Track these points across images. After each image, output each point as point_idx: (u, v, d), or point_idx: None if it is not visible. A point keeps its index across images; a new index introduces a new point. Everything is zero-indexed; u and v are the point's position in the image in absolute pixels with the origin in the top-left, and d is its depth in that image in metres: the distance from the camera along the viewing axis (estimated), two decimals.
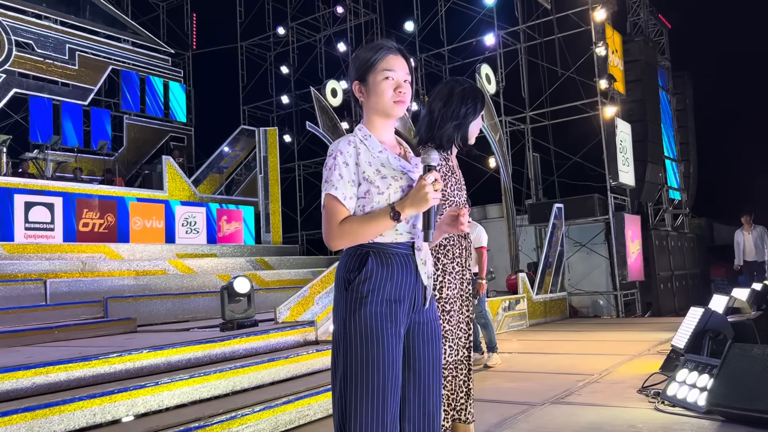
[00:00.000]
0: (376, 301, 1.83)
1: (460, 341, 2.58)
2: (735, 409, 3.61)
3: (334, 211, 1.84)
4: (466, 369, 2.61)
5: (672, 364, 4.90)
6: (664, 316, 12.10)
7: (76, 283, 7.12)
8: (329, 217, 1.85)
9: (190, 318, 7.10)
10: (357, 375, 1.80)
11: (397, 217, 1.81)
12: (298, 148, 16.87)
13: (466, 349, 2.61)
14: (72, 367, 3.60)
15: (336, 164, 1.87)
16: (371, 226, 1.82)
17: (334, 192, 1.84)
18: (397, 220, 1.81)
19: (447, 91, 2.67)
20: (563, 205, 11.68)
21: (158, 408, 3.66)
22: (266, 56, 17.87)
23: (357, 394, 1.79)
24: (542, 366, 6.19)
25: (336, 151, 1.89)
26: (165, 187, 10.60)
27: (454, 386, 2.54)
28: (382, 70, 1.95)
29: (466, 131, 2.66)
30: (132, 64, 14.57)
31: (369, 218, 1.84)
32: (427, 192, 1.81)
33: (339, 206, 1.84)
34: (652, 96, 13.95)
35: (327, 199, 1.86)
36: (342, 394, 1.82)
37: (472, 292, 2.75)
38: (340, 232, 1.82)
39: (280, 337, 5.02)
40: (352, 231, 1.82)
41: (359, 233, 1.83)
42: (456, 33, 14.82)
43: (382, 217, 1.82)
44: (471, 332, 2.63)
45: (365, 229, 1.83)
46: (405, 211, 1.82)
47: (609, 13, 12.43)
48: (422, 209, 1.83)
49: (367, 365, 1.80)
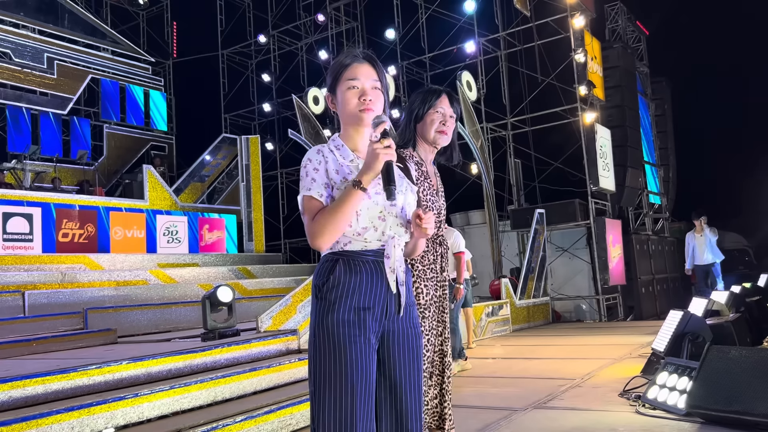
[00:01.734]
0: (343, 309, 1.84)
1: (433, 347, 2.58)
2: (714, 410, 3.64)
3: (311, 208, 1.86)
4: (440, 374, 2.60)
5: (653, 367, 4.95)
6: (646, 320, 12.21)
7: (55, 295, 7.02)
8: (307, 216, 1.87)
9: (171, 328, 7.03)
10: (324, 381, 1.82)
11: (359, 185, 1.81)
12: (280, 156, 16.83)
13: (441, 355, 2.61)
14: (50, 379, 3.55)
15: (307, 171, 1.92)
16: (341, 206, 1.81)
17: (308, 192, 1.88)
18: (360, 188, 1.81)
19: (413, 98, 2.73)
20: (545, 210, 11.77)
21: (138, 420, 3.62)
22: (247, 64, 17.83)
23: (324, 400, 1.81)
24: (525, 371, 6.21)
25: (306, 161, 1.94)
26: (146, 196, 10.51)
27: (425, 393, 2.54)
28: (346, 80, 1.98)
29: (423, 127, 2.65)
30: (112, 72, 14.45)
31: (337, 200, 1.84)
32: (375, 149, 1.82)
33: (314, 202, 1.87)
34: (631, 101, 14.12)
35: (303, 201, 1.89)
36: (312, 400, 1.85)
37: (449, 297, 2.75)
38: (318, 225, 1.83)
39: (262, 346, 4.99)
40: (327, 219, 1.82)
41: (335, 218, 1.81)
42: (437, 40, 14.90)
43: (347, 192, 1.83)
44: (447, 338, 2.63)
45: (337, 210, 1.81)
46: (364, 176, 1.82)
47: (588, 20, 12.58)
48: (377, 168, 1.82)
49: (334, 371, 1.81)
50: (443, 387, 2.60)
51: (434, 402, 2.59)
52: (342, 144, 1.99)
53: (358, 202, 1.84)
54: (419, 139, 2.68)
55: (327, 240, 1.84)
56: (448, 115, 2.67)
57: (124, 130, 14.63)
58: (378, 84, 1.99)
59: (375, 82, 1.99)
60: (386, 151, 1.82)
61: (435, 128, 2.64)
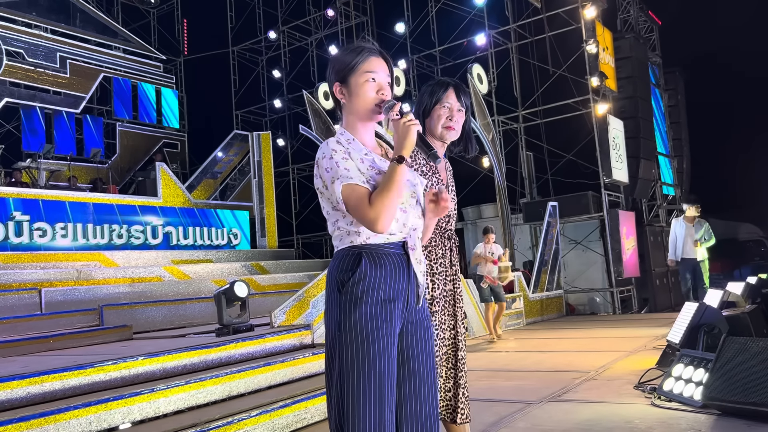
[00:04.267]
0: (370, 302, 1.83)
1: (444, 341, 2.57)
2: (730, 402, 3.62)
3: (359, 195, 1.83)
4: (453, 368, 2.60)
5: (668, 359, 4.91)
6: (660, 312, 12.13)
7: (71, 292, 7.10)
8: (359, 203, 1.82)
9: (186, 324, 7.09)
10: (354, 376, 1.80)
11: (401, 160, 1.84)
12: (291, 152, 16.87)
13: (454, 349, 2.60)
14: (67, 375, 3.58)
15: (336, 160, 1.87)
16: (393, 184, 1.82)
17: (350, 180, 1.83)
18: (402, 162, 1.84)
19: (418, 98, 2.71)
20: (557, 203, 11.71)
21: (155, 415, 3.65)
22: (258, 60, 17.86)
23: (355, 395, 1.79)
24: (539, 364, 6.20)
25: (330, 151, 1.89)
26: (159, 193, 10.57)
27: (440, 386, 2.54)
28: (364, 72, 1.95)
29: (431, 122, 2.63)
30: (124, 71, 14.53)
31: (386, 180, 1.84)
32: (403, 123, 1.86)
33: (360, 188, 1.83)
34: (643, 92, 13.99)
35: (346, 189, 1.83)
36: (339, 396, 1.82)
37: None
38: (378, 209, 1.80)
39: (276, 341, 5.01)
40: (386, 200, 1.80)
41: (392, 197, 1.82)
42: (447, 33, 14.85)
43: (391, 171, 1.84)
44: (460, 331, 2.62)
45: (392, 189, 1.82)
46: (403, 150, 1.86)
47: (599, 11, 12.46)
48: (412, 139, 1.87)
49: (364, 366, 1.79)
50: (457, 380, 2.59)
51: (448, 395, 2.59)
52: (352, 138, 1.97)
53: (405, 177, 1.87)
54: (428, 133, 2.65)
55: (389, 221, 1.83)
56: (456, 109, 2.60)
57: (137, 128, 14.72)
58: (390, 80, 2.01)
59: (388, 78, 2.00)
60: (413, 123, 1.87)
61: (442, 123, 2.60)
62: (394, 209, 1.83)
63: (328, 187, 1.86)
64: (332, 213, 1.93)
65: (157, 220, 10.19)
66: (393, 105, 1.92)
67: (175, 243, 10.31)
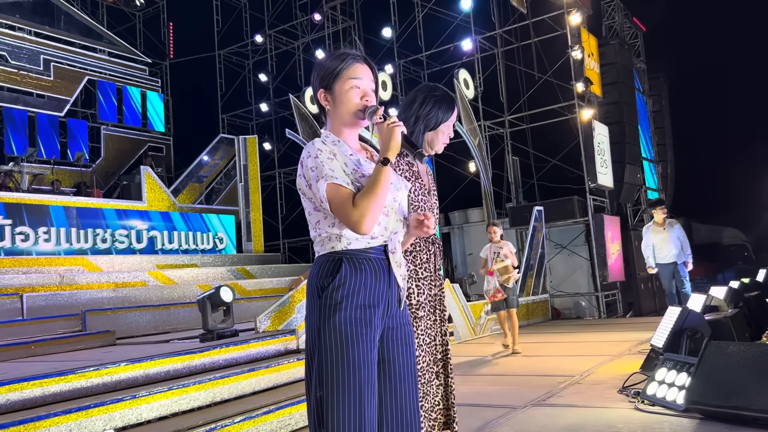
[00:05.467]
0: (350, 307, 1.83)
1: (431, 347, 2.57)
2: (713, 406, 3.64)
3: (342, 195, 1.82)
4: (442, 374, 2.59)
5: (652, 363, 4.95)
6: (645, 316, 12.22)
7: (53, 297, 7.02)
8: (343, 204, 1.82)
9: (170, 329, 7.03)
10: (333, 381, 1.79)
11: (386, 162, 1.85)
12: (278, 156, 16.82)
13: (441, 354, 2.60)
14: (48, 382, 3.54)
15: (321, 160, 1.86)
16: (378, 185, 1.82)
17: (335, 180, 1.83)
18: (388, 164, 1.85)
19: (411, 97, 2.68)
20: (543, 207, 11.76)
21: (137, 421, 3.62)
22: (244, 64, 17.82)
23: (334, 400, 1.78)
24: (524, 368, 6.21)
25: (315, 150, 1.89)
26: (144, 197, 10.50)
27: (426, 392, 2.52)
28: (349, 78, 1.96)
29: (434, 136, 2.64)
30: (108, 74, 14.44)
31: (371, 181, 1.84)
32: (387, 126, 1.89)
33: (345, 189, 1.83)
34: (628, 98, 14.12)
35: (330, 188, 1.83)
36: (318, 401, 1.82)
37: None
38: (362, 209, 1.80)
39: (260, 346, 4.98)
40: (371, 201, 1.80)
41: (377, 198, 1.81)
42: (434, 38, 14.89)
43: (377, 173, 1.84)
44: (446, 336, 2.62)
45: (377, 191, 1.82)
46: (388, 153, 1.86)
47: (584, 17, 12.58)
48: (397, 141, 1.88)
49: (343, 371, 1.79)
50: (446, 385, 2.59)
51: (436, 399, 2.58)
52: (338, 140, 1.98)
53: (390, 179, 1.87)
54: (425, 143, 2.66)
55: (373, 222, 1.82)
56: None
57: (122, 131, 14.63)
58: (374, 86, 2.02)
59: (372, 84, 2.01)
60: (397, 125, 1.89)
61: (442, 140, 2.65)
62: (379, 211, 1.83)
63: (312, 186, 1.86)
64: (314, 214, 1.92)
65: (142, 224, 10.11)
66: (376, 109, 1.93)
67: (159, 247, 10.24)
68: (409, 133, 2.56)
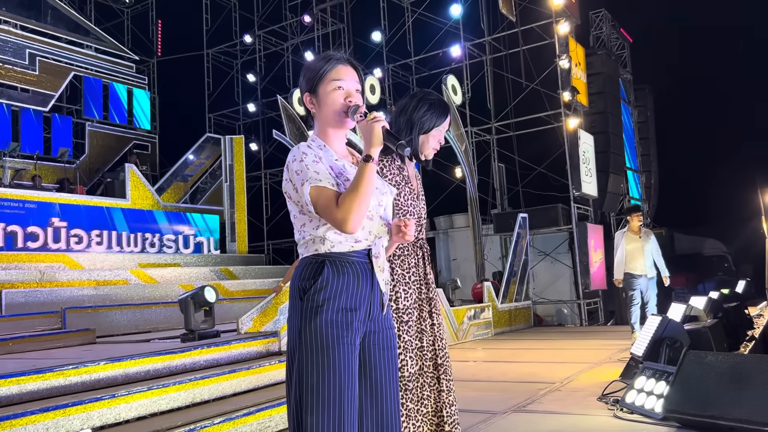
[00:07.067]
0: (331, 310, 1.83)
1: (421, 351, 2.56)
2: (690, 415, 3.68)
3: (327, 197, 1.83)
4: (435, 379, 2.59)
5: (631, 371, 4.99)
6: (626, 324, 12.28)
7: (33, 294, 6.93)
8: (327, 204, 1.82)
9: (152, 329, 6.97)
10: (313, 383, 1.79)
11: (368, 159, 1.84)
12: (264, 157, 16.77)
13: (441, 359, 2.59)
14: (25, 380, 3.50)
15: (306, 163, 1.87)
16: (363, 184, 1.82)
17: (318, 183, 1.83)
18: (371, 161, 1.84)
19: (405, 102, 2.69)
20: (528, 214, 11.84)
21: (115, 421, 3.59)
22: (233, 64, 17.75)
23: (313, 403, 1.78)
24: (505, 375, 6.24)
25: (300, 154, 1.89)
26: (128, 195, 10.41)
27: (421, 397, 2.51)
28: (332, 80, 1.97)
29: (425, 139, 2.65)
30: (95, 70, 14.31)
31: (356, 181, 1.83)
32: (368, 122, 1.88)
33: (328, 191, 1.83)
34: (614, 108, 14.25)
35: (314, 190, 1.83)
36: (297, 403, 1.81)
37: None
38: (347, 209, 1.80)
39: (242, 348, 4.96)
40: (356, 200, 1.80)
41: (362, 197, 1.81)
42: (423, 44, 14.95)
43: (360, 171, 1.84)
44: (442, 341, 2.61)
45: (361, 189, 1.81)
46: (371, 150, 1.86)
47: (572, 27, 12.69)
48: (378, 136, 1.87)
49: (322, 373, 1.79)
50: (439, 390, 2.57)
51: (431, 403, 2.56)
52: (324, 144, 1.99)
53: (375, 177, 1.87)
54: (420, 149, 2.67)
55: (359, 221, 1.82)
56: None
57: (107, 128, 14.49)
58: (360, 88, 2.02)
59: (357, 85, 2.01)
60: (377, 120, 1.88)
61: (432, 145, 2.67)
62: (364, 209, 1.83)
63: (298, 190, 1.86)
64: (299, 217, 1.93)
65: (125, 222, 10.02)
66: (357, 107, 1.94)
67: (142, 246, 10.16)
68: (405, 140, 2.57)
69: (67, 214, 9.25)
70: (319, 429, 1.77)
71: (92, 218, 9.57)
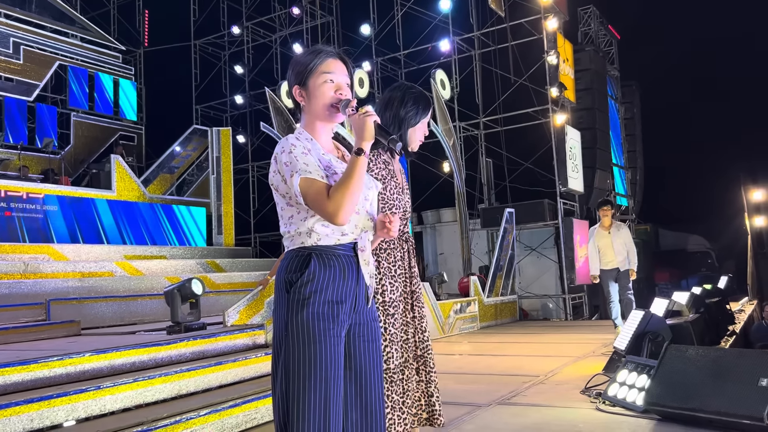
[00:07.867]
0: (318, 302, 1.84)
1: (407, 344, 2.60)
2: (670, 408, 3.74)
3: (317, 189, 1.83)
4: (423, 370, 2.62)
5: (614, 365, 5.05)
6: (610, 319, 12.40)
7: (17, 285, 6.88)
8: (318, 196, 1.82)
9: (137, 321, 6.95)
10: (298, 375, 1.81)
11: (360, 152, 1.84)
12: (252, 149, 16.71)
13: (421, 351, 2.62)
14: (9, 371, 3.48)
15: (295, 155, 1.87)
16: (353, 177, 1.82)
17: (309, 174, 1.84)
18: (362, 154, 1.84)
19: (388, 97, 2.70)
20: (514, 209, 11.89)
21: (100, 413, 3.58)
22: (220, 55, 17.65)
23: (299, 395, 1.80)
24: (490, 367, 6.29)
25: (289, 146, 1.89)
26: (113, 186, 10.34)
27: (405, 389, 2.54)
28: (322, 73, 1.97)
29: (413, 133, 2.68)
30: (80, 60, 14.18)
31: (347, 173, 1.84)
32: (359, 116, 1.88)
33: (318, 183, 1.84)
34: (601, 104, 14.34)
35: (304, 182, 1.83)
36: (283, 395, 1.83)
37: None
38: (337, 201, 1.80)
39: (228, 340, 4.96)
40: (346, 192, 1.81)
41: (353, 190, 1.82)
42: (412, 38, 14.94)
43: (351, 163, 1.84)
44: (425, 333, 2.65)
45: (352, 182, 1.82)
46: (363, 143, 1.86)
47: (561, 23, 12.73)
48: (370, 131, 1.88)
49: (308, 365, 1.81)
50: (426, 381, 2.61)
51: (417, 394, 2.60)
52: (311, 138, 1.99)
53: (365, 170, 1.87)
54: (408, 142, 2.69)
55: (350, 213, 1.83)
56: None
57: (92, 118, 14.37)
58: (349, 82, 2.03)
59: (347, 79, 2.02)
60: (368, 114, 1.88)
61: (418, 138, 2.70)
62: (355, 201, 1.84)
63: (287, 182, 1.86)
64: (286, 209, 1.93)
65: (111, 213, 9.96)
66: (348, 102, 1.95)
67: (128, 238, 10.11)
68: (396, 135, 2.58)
69: (51, 205, 9.17)
70: (305, 420, 1.78)
71: (77, 209, 9.50)
